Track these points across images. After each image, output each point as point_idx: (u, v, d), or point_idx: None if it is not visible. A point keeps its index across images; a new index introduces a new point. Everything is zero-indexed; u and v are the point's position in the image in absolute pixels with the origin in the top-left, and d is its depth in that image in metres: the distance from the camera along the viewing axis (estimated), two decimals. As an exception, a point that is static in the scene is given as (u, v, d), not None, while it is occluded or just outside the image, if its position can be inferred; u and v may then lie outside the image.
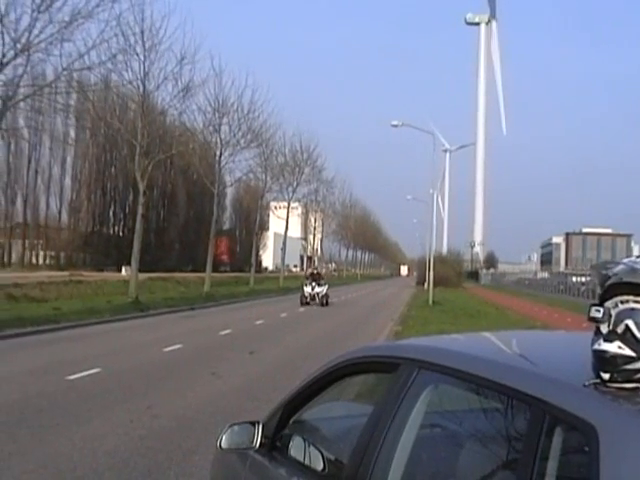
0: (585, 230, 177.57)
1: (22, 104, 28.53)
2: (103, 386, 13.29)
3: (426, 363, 2.99)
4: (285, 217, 74.36)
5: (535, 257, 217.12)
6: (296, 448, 3.77)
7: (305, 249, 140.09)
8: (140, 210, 36.20)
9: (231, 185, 64.09)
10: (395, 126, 50.71)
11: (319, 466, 3.49)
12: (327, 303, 42.73)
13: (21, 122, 58.64)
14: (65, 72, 25.06)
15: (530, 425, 2.30)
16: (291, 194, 71.40)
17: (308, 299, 42.60)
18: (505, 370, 2.60)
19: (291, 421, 4.01)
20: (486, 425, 2.85)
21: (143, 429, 10.06)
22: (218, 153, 47.63)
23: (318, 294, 42.86)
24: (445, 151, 56.50)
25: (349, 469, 3.13)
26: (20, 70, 23.92)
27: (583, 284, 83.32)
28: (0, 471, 7.81)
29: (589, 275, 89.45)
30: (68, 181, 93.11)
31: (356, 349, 3.75)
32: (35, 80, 26.48)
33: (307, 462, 3.61)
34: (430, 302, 47.00)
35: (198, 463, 8.43)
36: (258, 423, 4.01)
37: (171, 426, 10.40)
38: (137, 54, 33.45)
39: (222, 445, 4.07)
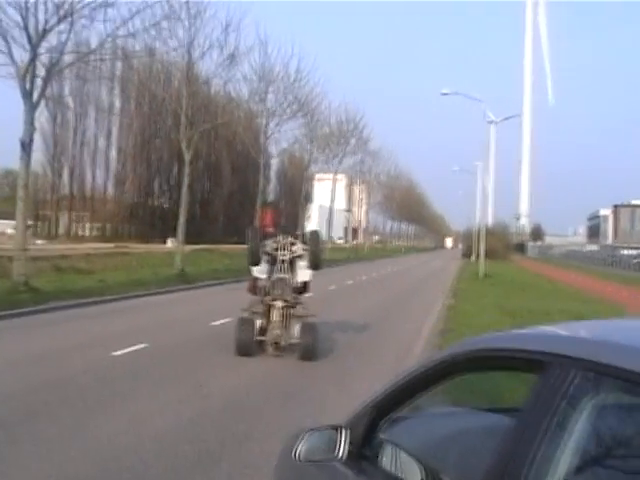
0: (634, 202, 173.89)
1: (67, 72, 28.05)
2: (150, 362, 12.68)
3: (591, 363, 2.19)
4: (329, 188, 73.51)
5: (582, 230, 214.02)
6: (389, 458, 3.06)
7: (349, 221, 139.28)
8: (186, 181, 35.54)
9: (277, 156, 63.36)
10: (445, 94, 49.62)
11: None
12: (314, 346, 13.79)
13: (66, 91, 58.67)
14: (109, 38, 24.41)
15: None
16: (337, 165, 70.43)
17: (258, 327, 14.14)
18: None
19: (382, 425, 3.27)
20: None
21: (192, 411, 9.41)
22: (264, 123, 46.80)
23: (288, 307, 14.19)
24: (490, 123, 55.70)
25: None
26: (63, 37, 23.35)
27: (635, 257, 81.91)
28: (38, 458, 7.15)
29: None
30: (113, 153, 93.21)
31: (472, 339, 2.96)
32: (79, 47, 25.90)
33: (401, 475, 2.93)
34: (480, 275, 46.10)
35: (253, 451, 7.80)
36: (342, 428, 3.27)
37: (222, 407, 9.75)
38: (182, 21, 32.79)
39: (301, 457, 3.31)
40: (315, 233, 15.25)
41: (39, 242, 61.05)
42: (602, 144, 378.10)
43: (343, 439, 3.22)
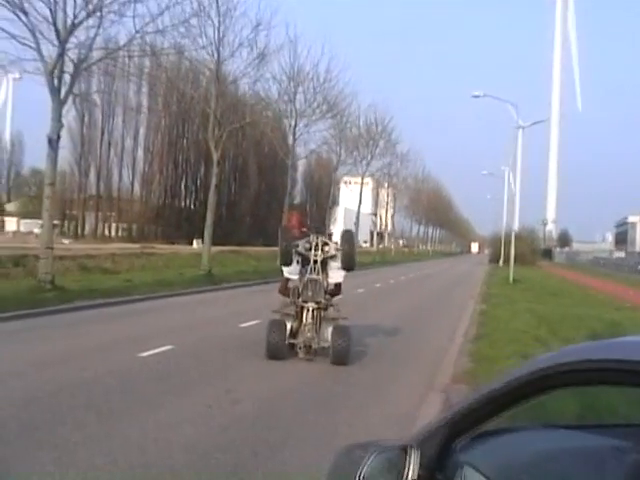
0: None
1: (95, 69, 27.81)
2: (177, 365, 12.25)
3: None
4: (355, 191, 72.97)
5: (609, 236, 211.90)
6: None
7: (375, 225, 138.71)
8: (214, 181, 35.18)
9: (306, 157, 62.43)
10: (477, 97, 48.93)
11: None
12: (347, 350, 13.14)
13: (94, 89, 58.51)
14: (138, 34, 24.06)
15: None
16: (365, 168, 69.78)
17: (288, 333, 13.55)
18: None
19: (459, 445, 2.79)
20: None
21: (223, 417, 8.96)
22: (293, 123, 46.40)
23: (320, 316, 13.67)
24: (518, 128, 55.16)
25: None
26: (92, 33, 23.02)
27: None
28: (63, 466, 6.73)
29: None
30: (140, 153, 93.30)
31: (575, 348, 2.47)
32: (107, 44, 25.59)
33: None
34: (510, 280, 45.39)
35: (288, 461, 7.34)
36: (411, 448, 2.78)
37: (254, 413, 9.30)
38: (211, 19, 32.53)
39: None
40: (349, 233, 14.70)
41: (65, 241, 61.27)
42: (631, 151, 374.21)
43: (412, 461, 2.74)
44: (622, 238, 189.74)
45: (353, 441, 7.68)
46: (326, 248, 14.12)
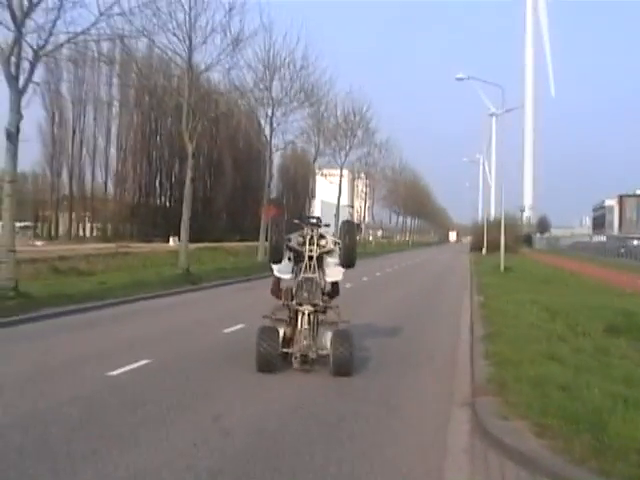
0: (639, 192, 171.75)
1: (59, 57, 25.93)
2: (154, 385, 10.36)
3: None
4: (334, 183, 71.26)
5: (587, 221, 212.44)
6: None
7: (352, 216, 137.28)
8: (189, 174, 33.10)
9: (284, 147, 59.91)
10: (460, 79, 47.35)
11: None
12: (350, 359, 11.31)
13: (64, 88, 56.46)
14: (102, 17, 22.07)
15: None
16: (344, 158, 68.01)
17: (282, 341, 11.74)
18: None
19: None
20: None
21: (213, 457, 7.12)
22: (269, 113, 44.51)
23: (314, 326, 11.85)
24: (491, 115, 54.33)
25: None
26: (52, 15, 21.02)
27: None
28: None
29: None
30: (113, 151, 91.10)
31: None
32: (70, 27, 23.47)
33: None
34: (501, 268, 43.85)
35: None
36: None
37: (251, 449, 7.50)
38: (181, 1, 30.68)
39: None
40: (350, 224, 12.77)
41: (39, 243, 59.97)
42: (606, 135, 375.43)
43: None
44: (600, 222, 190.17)
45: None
46: (322, 242, 12.39)
